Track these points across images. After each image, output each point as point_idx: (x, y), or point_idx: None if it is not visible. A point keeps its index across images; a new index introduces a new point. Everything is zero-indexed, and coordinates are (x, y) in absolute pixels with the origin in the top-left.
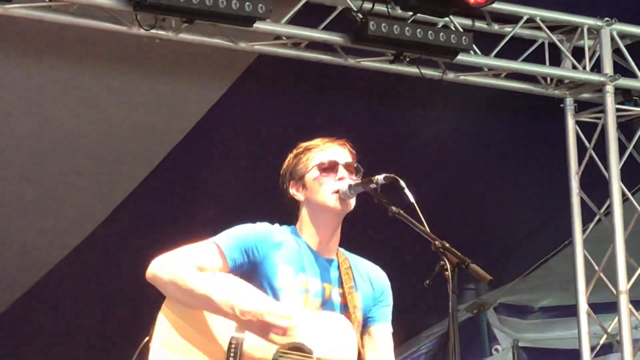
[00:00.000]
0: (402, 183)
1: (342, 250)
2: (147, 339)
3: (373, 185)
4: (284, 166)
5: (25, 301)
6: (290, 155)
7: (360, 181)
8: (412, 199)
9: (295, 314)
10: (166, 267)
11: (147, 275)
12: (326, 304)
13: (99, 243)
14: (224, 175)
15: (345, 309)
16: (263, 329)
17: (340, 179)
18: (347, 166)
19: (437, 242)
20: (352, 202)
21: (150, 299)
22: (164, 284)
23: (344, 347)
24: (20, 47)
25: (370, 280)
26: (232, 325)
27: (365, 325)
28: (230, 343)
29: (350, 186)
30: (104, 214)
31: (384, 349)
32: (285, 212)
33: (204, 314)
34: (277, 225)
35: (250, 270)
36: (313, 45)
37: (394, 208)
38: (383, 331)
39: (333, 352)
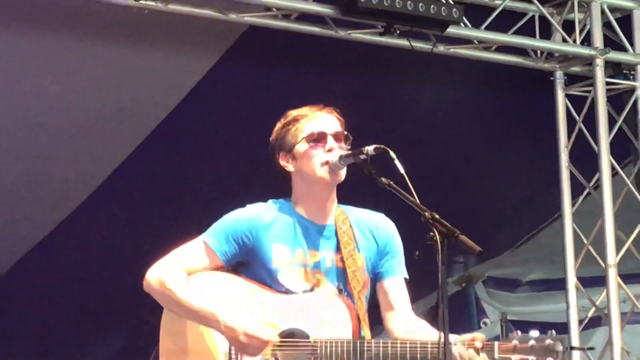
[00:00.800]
0: (392, 154)
1: (340, 207)
2: (156, 348)
3: (363, 156)
4: (273, 136)
5: (14, 272)
6: (279, 125)
7: (350, 152)
8: (402, 170)
9: (271, 334)
10: (158, 279)
11: (143, 286)
12: (328, 272)
13: (88, 215)
14: (215, 145)
15: (344, 274)
16: (239, 345)
17: (329, 150)
18: (335, 135)
19: (426, 214)
20: (343, 173)
21: (143, 268)
22: (157, 297)
23: (337, 325)
24: (6, 16)
25: (373, 234)
26: None
27: (377, 281)
28: (230, 349)
29: (340, 157)
30: (93, 186)
31: (399, 305)
32: (277, 181)
33: None
34: (269, 201)
35: (246, 257)
36: (303, 17)
37: (384, 179)
38: (394, 285)
39: (328, 332)
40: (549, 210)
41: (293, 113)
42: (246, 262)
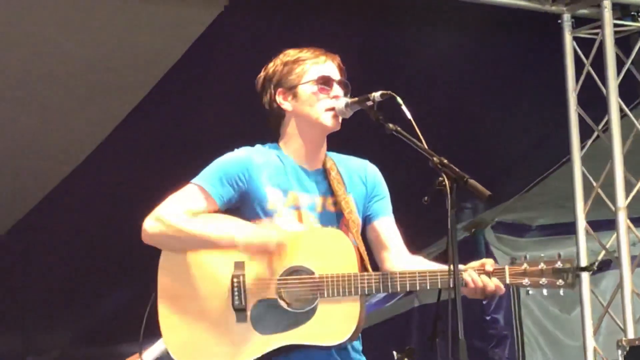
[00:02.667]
0: (399, 99)
1: (328, 154)
2: (153, 295)
3: (370, 103)
4: (269, 72)
5: (21, 227)
6: (277, 62)
7: (356, 99)
8: (409, 115)
9: (284, 234)
10: (157, 221)
11: (142, 237)
12: (322, 216)
13: (94, 169)
14: (219, 97)
15: (340, 216)
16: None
17: (335, 97)
18: (339, 83)
19: (435, 159)
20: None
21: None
22: (159, 237)
23: (342, 260)
24: None
25: (361, 178)
26: (230, 264)
27: (367, 224)
28: (232, 281)
29: (347, 104)
30: (99, 139)
31: (392, 243)
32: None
33: (200, 260)
34: (258, 145)
35: (240, 200)
36: None
37: (391, 125)
38: (386, 224)
39: (333, 268)
40: (558, 154)
41: (294, 52)
42: (241, 205)
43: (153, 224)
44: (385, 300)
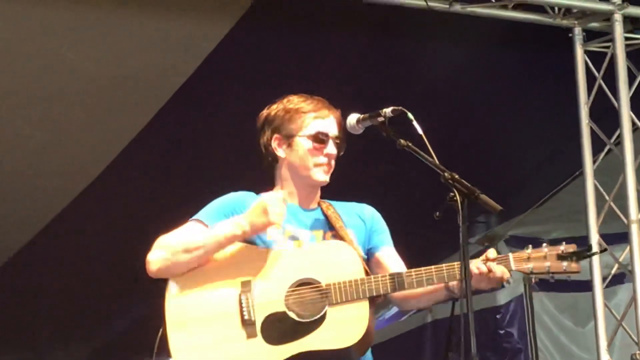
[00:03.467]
0: (410, 115)
1: (324, 200)
2: (162, 328)
3: (381, 119)
4: (270, 114)
5: (35, 243)
6: (280, 107)
7: (367, 115)
8: (420, 131)
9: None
10: (158, 249)
11: (148, 271)
12: None
13: (107, 185)
14: (231, 113)
15: None
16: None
17: (327, 154)
18: (335, 139)
19: (446, 174)
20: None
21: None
22: (164, 263)
23: (349, 269)
24: None
25: (359, 215)
26: (237, 284)
27: (370, 257)
28: (240, 299)
29: (358, 120)
30: (112, 155)
31: (397, 267)
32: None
33: (207, 284)
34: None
35: None
36: None
37: (402, 141)
38: (387, 253)
39: (340, 277)
40: (570, 168)
41: (298, 101)
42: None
43: (154, 253)
44: (398, 316)
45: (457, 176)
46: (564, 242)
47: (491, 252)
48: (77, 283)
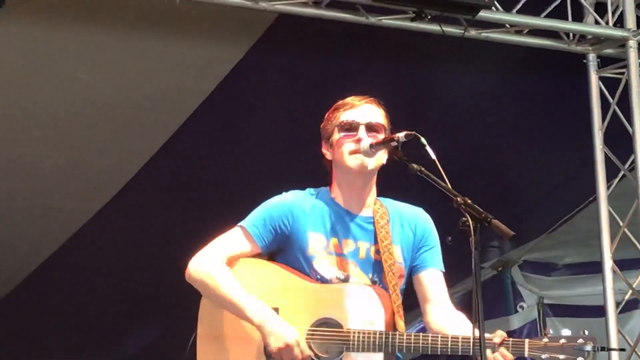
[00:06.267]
0: (423, 140)
1: (380, 200)
2: (194, 335)
3: (394, 143)
4: (321, 124)
5: (50, 264)
6: (327, 113)
7: (380, 139)
8: (433, 156)
9: (293, 334)
10: (197, 269)
11: (186, 275)
12: (363, 263)
13: (122, 206)
14: (248, 135)
15: (380, 267)
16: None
17: (357, 140)
18: (369, 125)
19: (458, 199)
20: (372, 162)
21: (174, 265)
22: (197, 286)
23: (371, 316)
24: (41, 8)
25: (410, 227)
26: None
27: (414, 274)
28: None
29: (370, 145)
30: (127, 177)
31: (435, 296)
32: (310, 171)
33: None
34: (307, 189)
35: (283, 244)
36: (334, 4)
37: (415, 165)
38: (431, 277)
39: (361, 323)
40: (584, 193)
41: (339, 102)
42: (283, 248)
43: (193, 268)
44: None
45: (469, 201)
46: (584, 331)
47: (497, 337)
48: (93, 304)
